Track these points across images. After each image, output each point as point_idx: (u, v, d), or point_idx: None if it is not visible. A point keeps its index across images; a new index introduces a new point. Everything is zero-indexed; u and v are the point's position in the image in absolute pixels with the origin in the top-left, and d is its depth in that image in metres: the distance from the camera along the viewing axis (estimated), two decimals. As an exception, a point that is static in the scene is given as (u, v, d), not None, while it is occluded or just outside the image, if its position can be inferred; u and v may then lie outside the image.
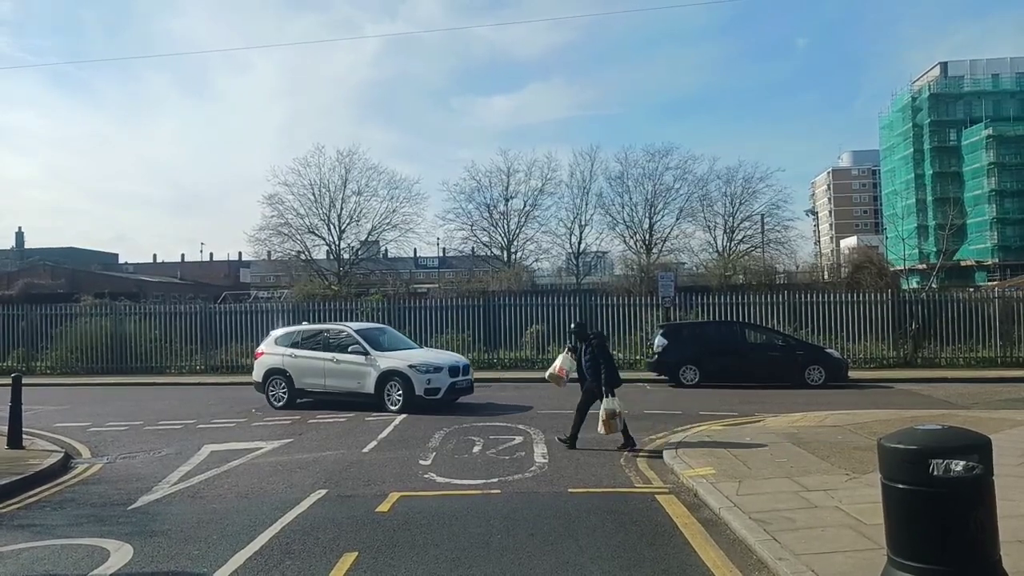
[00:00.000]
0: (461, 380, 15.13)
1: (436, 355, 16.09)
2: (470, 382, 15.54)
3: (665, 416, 13.79)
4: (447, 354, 16.80)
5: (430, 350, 17.65)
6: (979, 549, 3.94)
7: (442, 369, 14.74)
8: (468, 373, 15.48)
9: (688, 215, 48.27)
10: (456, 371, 15.04)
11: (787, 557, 5.64)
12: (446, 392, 14.68)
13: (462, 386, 15.21)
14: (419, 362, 14.77)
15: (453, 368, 15.00)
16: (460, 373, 15.13)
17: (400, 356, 15.17)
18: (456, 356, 16.51)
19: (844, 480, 8.05)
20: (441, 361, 15.15)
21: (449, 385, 14.73)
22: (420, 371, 14.55)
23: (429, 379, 14.52)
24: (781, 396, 16.59)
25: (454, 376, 14.90)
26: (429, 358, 15.27)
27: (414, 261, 68.44)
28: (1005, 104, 66.85)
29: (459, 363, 15.44)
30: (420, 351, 16.49)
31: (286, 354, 15.99)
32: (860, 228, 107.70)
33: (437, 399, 14.44)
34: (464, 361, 15.93)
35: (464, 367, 15.45)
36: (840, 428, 11.28)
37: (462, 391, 15.29)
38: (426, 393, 14.40)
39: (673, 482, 8.67)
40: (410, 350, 16.21)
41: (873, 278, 33.13)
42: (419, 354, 15.77)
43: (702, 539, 6.51)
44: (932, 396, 16.79)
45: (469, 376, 15.52)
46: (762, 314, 23.83)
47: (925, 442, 4.04)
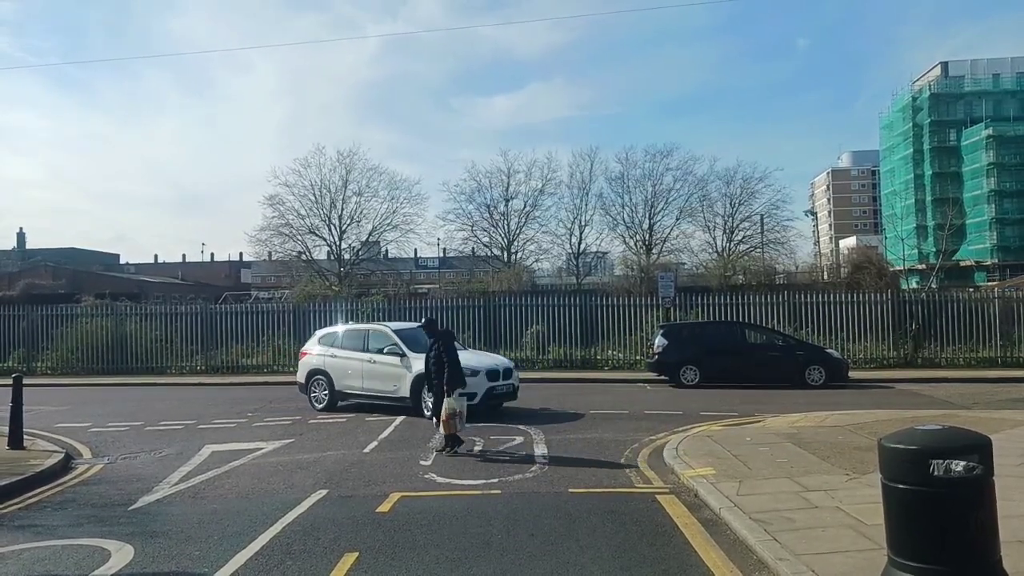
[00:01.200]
0: (502, 385, 14.11)
1: (478, 357, 14.91)
2: (513, 387, 14.49)
3: (665, 416, 13.79)
4: (490, 357, 15.72)
5: (475, 352, 16.21)
6: (979, 549, 3.94)
7: (479, 372, 13.58)
8: (511, 377, 14.42)
9: (688, 215, 48.34)
10: (496, 375, 14.04)
11: (787, 557, 5.65)
12: (484, 397, 13.55)
13: (503, 391, 14.20)
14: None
15: (492, 372, 14.00)
16: (500, 377, 14.12)
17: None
18: (499, 359, 15.38)
19: (844, 480, 8.06)
20: (479, 364, 14.01)
21: (487, 390, 13.67)
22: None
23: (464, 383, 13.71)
24: (781, 396, 16.59)
25: (493, 380, 13.90)
26: (467, 360, 13.49)
27: (415, 261, 68.43)
28: (1005, 104, 66.86)
29: (499, 366, 14.38)
30: (465, 353, 14.74)
31: (327, 354, 15.44)
32: (860, 228, 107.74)
33: (473, 404, 12.82)
34: (506, 364, 14.79)
35: (506, 370, 14.38)
36: (840, 428, 11.29)
37: (503, 396, 14.29)
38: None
39: (673, 482, 8.67)
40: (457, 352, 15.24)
41: (873, 278, 33.17)
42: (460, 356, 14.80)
43: (702, 539, 6.51)
44: (932, 396, 16.79)
45: (512, 380, 14.46)
46: (762, 314, 23.83)
47: (925, 442, 4.04)
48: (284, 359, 24.61)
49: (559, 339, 24.49)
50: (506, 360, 15.39)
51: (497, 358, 15.50)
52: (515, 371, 14.82)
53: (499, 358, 15.58)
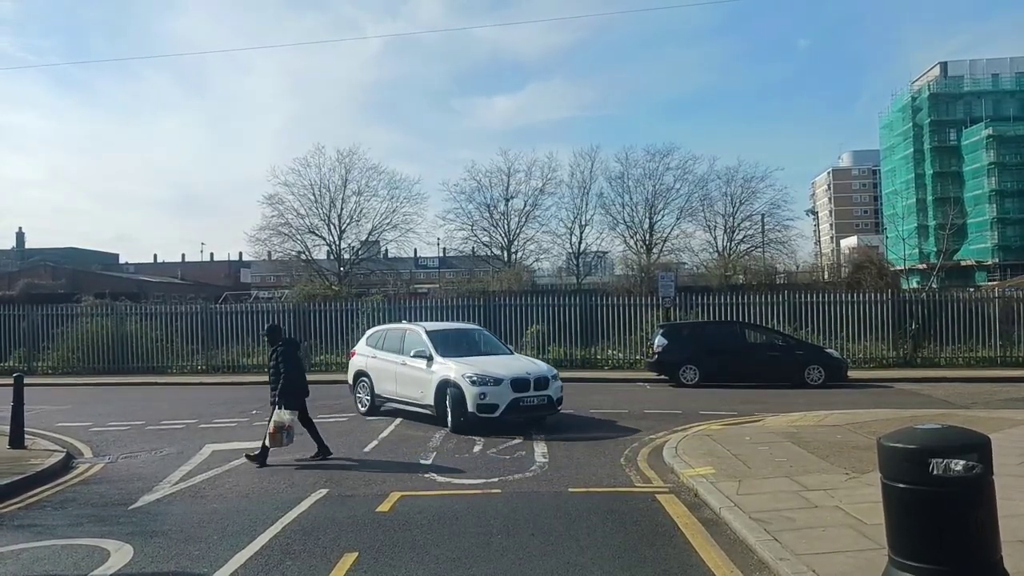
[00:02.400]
0: (531, 396, 12.36)
1: (508, 363, 13.18)
2: (549, 399, 12.58)
3: (665, 415, 13.79)
4: (525, 362, 13.77)
5: (513, 357, 14.20)
6: (980, 549, 3.94)
7: (502, 381, 12.14)
8: (547, 386, 12.57)
9: (688, 215, 48.30)
10: (524, 384, 12.34)
11: (788, 557, 5.65)
12: (507, 410, 12.09)
13: (535, 403, 12.41)
14: (476, 372, 12.28)
15: (519, 381, 12.32)
16: (532, 387, 12.39)
17: (468, 363, 12.70)
18: (535, 365, 13.48)
19: (844, 480, 8.06)
20: (504, 372, 12.42)
21: (511, 402, 12.11)
22: (474, 382, 12.09)
23: (483, 393, 12.03)
24: (781, 396, 16.60)
25: (520, 390, 12.26)
26: (491, 367, 12.59)
27: (414, 261, 68.45)
28: (1005, 104, 66.86)
29: (530, 374, 12.58)
30: (500, 358, 13.56)
31: (369, 355, 14.64)
32: (860, 228, 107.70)
33: (493, 417, 11.99)
34: (542, 371, 12.91)
35: (539, 379, 12.55)
36: (840, 428, 11.29)
37: (536, 409, 12.50)
38: (479, 410, 11.98)
39: (673, 482, 8.67)
40: (489, 356, 13.53)
41: (873, 278, 33.15)
42: (490, 361, 13.06)
43: (703, 539, 6.51)
44: (932, 396, 16.79)
45: (549, 391, 12.58)
46: (762, 314, 23.83)
47: (925, 441, 4.05)
48: (284, 359, 24.60)
49: (559, 339, 24.49)
50: (544, 366, 13.50)
51: (533, 364, 13.64)
52: (556, 380, 12.90)
53: (536, 364, 13.70)
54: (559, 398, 12.85)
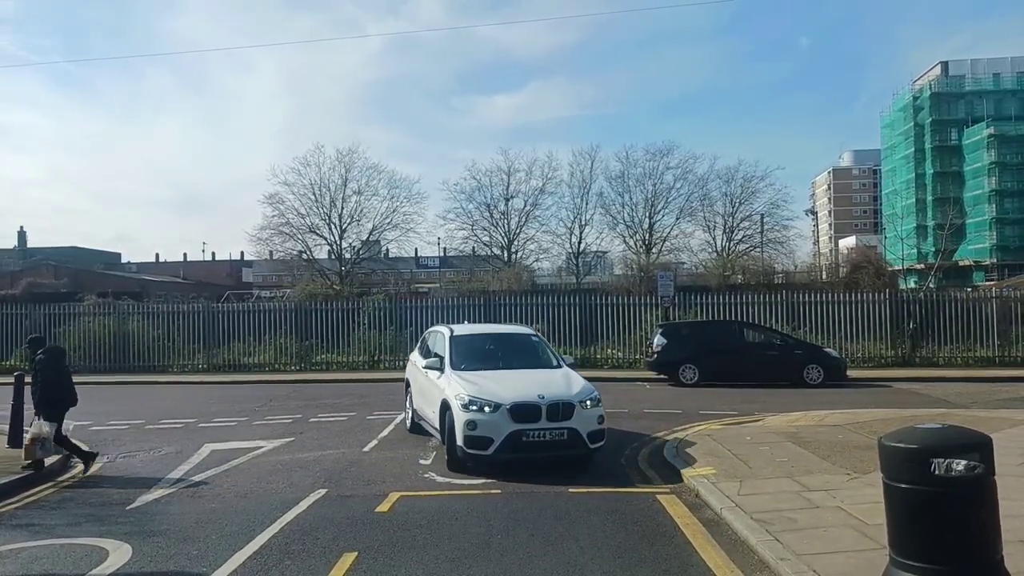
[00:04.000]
0: (540, 430, 8.98)
1: (523, 379, 9.95)
2: (573, 434, 9.07)
3: (665, 415, 13.78)
4: (556, 382, 9.90)
5: (560, 374, 10.43)
6: (981, 549, 3.94)
7: (500, 407, 9.01)
8: (568, 416, 9.11)
9: (688, 215, 48.23)
10: (530, 412, 9.02)
11: (789, 557, 5.64)
12: (504, 447, 8.89)
13: (544, 438, 8.98)
14: (471, 391, 9.37)
15: (523, 407, 9.03)
16: (541, 416, 9.01)
17: (479, 378, 9.83)
18: (559, 386, 9.72)
19: (845, 480, 8.05)
20: (508, 393, 9.25)
21: (510, 436, 8.87)
22: (464, 406, 9.15)
23: (472, 421, 9.01)
24: (780, 395, 16.58)
25: (525, 420, 8.97)
26: (497, 385, 9.55)
27: (415, 260, 68.39)
28: (1006, 103, 66.89)
29: (542, 399, 9.14)
30: (534, 373, 10.37)
31: (413, 361, 12.63)
32: (860, 228, 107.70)
33: (486, 456, 8.97)
34: (563, 394, 9.40)
35: (556, 405, 9.11)
36: (840, 427, 11.28)
37: (546, 447, 9.04)
38: (467, 444, 9.00)
39: (674, 482, 8.66)
40: (520, 371, 10.42)
41: (871, 278, 33.18)
42: (511, 377, 10.05)
43: (703, 539, 6.51)
44: (930, 395, 16.79)
45: (569, 422, 9.09)
46: (761, 313, 23.82)
47: (926, 441, 4.04)
48: (285, 358, 24.64)
49: (559, 338, 24.46)
50: (578, 387, 9.74)
51: (560, 384, 9.84)
52: (590, 406, 9.38)
53: (567, 384, 9.87)
54: (594, 432, 9.24)
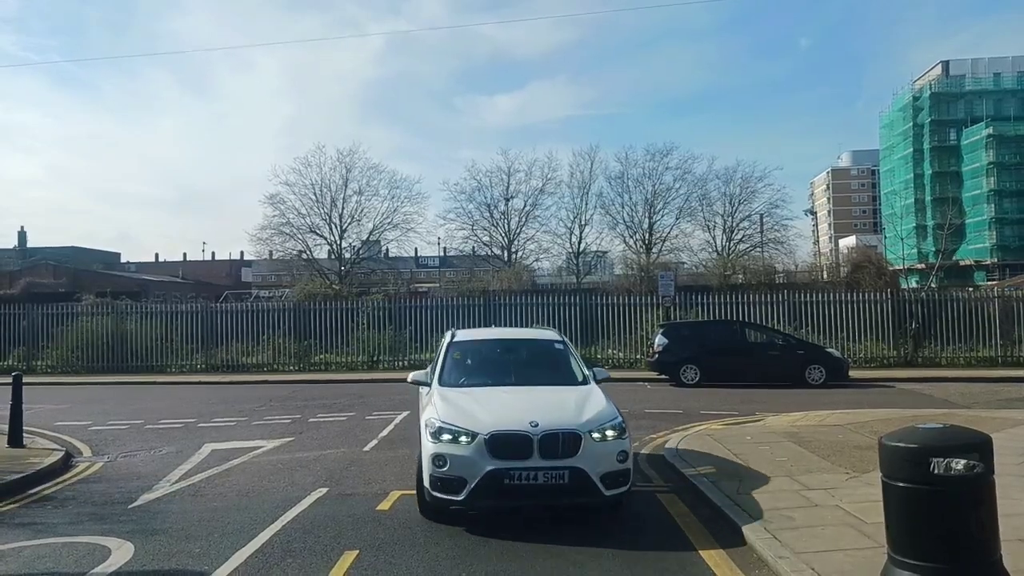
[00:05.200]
0: (530, 469, 6.65)
1: (520, 404, 7.44)
2: (576, 475, 6.67)
3: (666, 415, 13.78)
4: (561, 404, 7.51)
5: (569, 390, 8.08)
6: (980, 547, 3.95)
7: (475, 437, 6.76)
8: (572, 451, 6.72)
9: (688, 215, 48.22)
10: (517, 445, 6.70)
11: (788, 556, 5.65)
12: (478, 491, 6.64)
13: (534, 481, 6.64)
14: (443, 416, 7.15)
15: (508, 439, 6.73)
16: (532, 451, 6.68)
17: (463, 397, 7.77)
18: (565, 412, 7.22)
19: (845, 479, 8.06)
20: (487, 421, 6.91)
21: (487, 476, 6.62)
22: (433, 435, 6.99)
23: (441, 456, 6.81)
24: (782, 395, 16.59)
25: (508, 456, 6.67)
26: (476, 410, 7.24)
27: (415, 260, 68.44)
28: (1006, 103, 66.92)
29: (535, 427, 6.77)
30: (545, 392, 8.02)
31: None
32: (859, 228, 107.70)
33: (458, 502, 6.76)
34: (568, 423, 6.95)
35: (553, 436, 6.74)
36: (841, 427, 11.29)
37: (537, 493, 6.70)
38: (434, 486, 6.85)
39: (674, 481, 8.68)
40: (530, 388, 8.13)
41: (872, 278, 33.15)
42: (510, 397, 7.82)
43: (703, 538, 6.52)
44: (932, 395, 16.79)
45: (572, 460, 6.70)
46: (762, 313, 23.84)
47: (926, 441, 4.05)
48: (284, 358, 24.66)
49: (559, 338, 24.46)
50: (594, 412, 7.25)
51: (569, 407, 7.38)
52: (606, 437, 6.93)
53: (578, 407, 7.37)
54: (611, 474, 6.78)
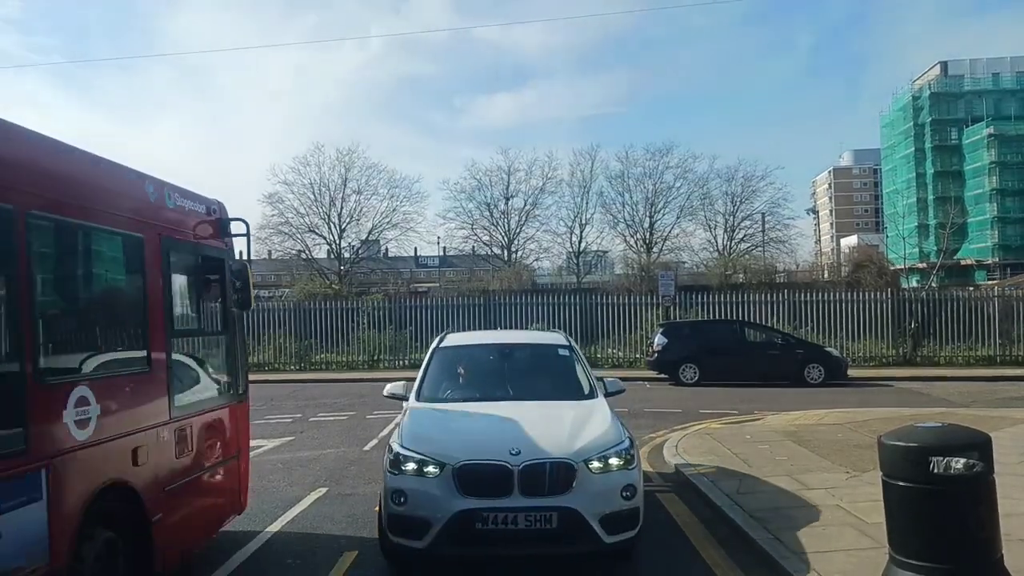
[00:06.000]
0: (509, 512, 5.36)
1: (503, 425, 6.11)
2: (572, 522, 5.38)
3: (665, 414, 13.79)
4: (554, 424, 6.13)
5: (570, 406, 6.70)
6: (980, 547, 3.94)
7: (443, 468, 5.52)
8: (564, 487, 5.44)
9: (688, 214, 48.28)
10: (496, 480, 5.42)
11: (788, 555, 5.65)
12: (444, 537, 5.39)
13: (513, 525, 5.36)
14: (407, 444, 5.86)
15: (481, 471, 5.47)
16: (512, 487, 5.39)
17: (445, 416, 6.65)
18: (556, 436, 5.85)
19: (845, 478, 8.05)
20: (458, 447, 5.70)
21: (455, 520, 5.37)
22: (393, 466, 5.74)
23: (400, 492, 5.58)
24: (781, 394, 16.59)
25: (483, 493, 5.41)
26: (446, 434, 6.17)
27: (415, 260, 68.41)
28: (1006, 103, 66.85)
29: (514, 459, 5.46)
30: (519, 410, 6.48)
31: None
32: (861, 227, 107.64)
33: (420, 549, 5.51)
34: (556, 452, 5.60)
35: (534, 469, 5.45)
36: (840, 426, 11.29)
37: (521, 542, 5.44)
38: (392, 527, 5.65)
39: (674, 480, 8.68)
40: (517, 404, 6.67)
41: (873, 277, 33.21)
42: (479, 417, 6.60)
43: (703, 537, 6.53)
44: (931, 395, 16.79)
45: (562, 500, 5.41)
46: (762, 313, 23.85)
47: (925, 440, 4.05)
48: (285, 357, 24.66)
49: (559, 338, 24.49)
50: (592, 430, 6.04)
51: (563, 429, 6.04)
52: (609, 462, 5.66)
53: (575, 429, 6.04)
54: (612, 516, 5.48)
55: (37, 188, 4.08)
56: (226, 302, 6.40)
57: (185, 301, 6.13)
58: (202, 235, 6.09)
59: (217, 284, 6.31)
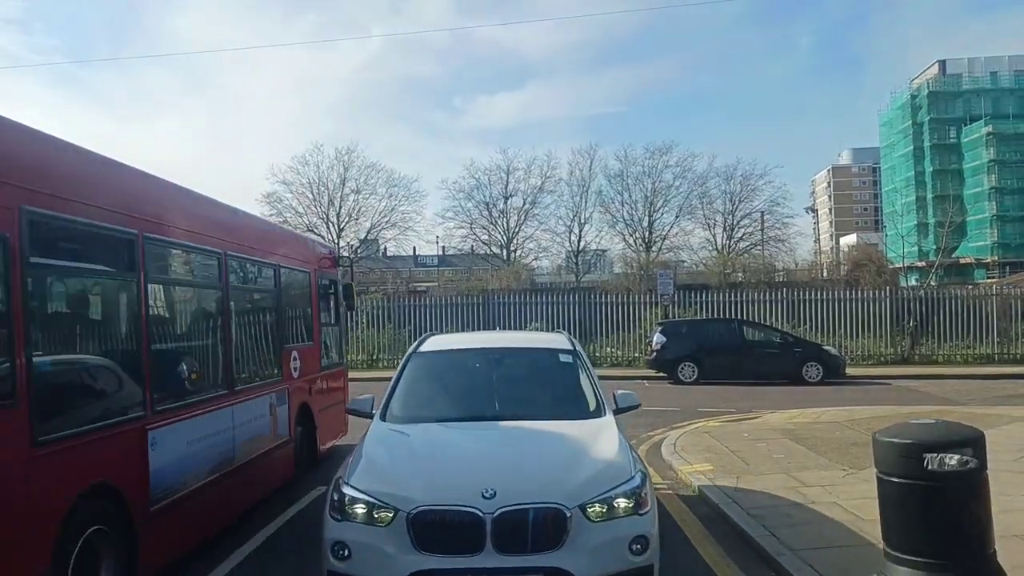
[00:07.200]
0: (481, 573, 4.13)
1: (479, 457, 4.97)
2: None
3: (664, 413, 13.82)
4: (546, 455, 4.94)
5: (569, 427, 5.35)
6: (973, 542, 3.99)
7: (397, 514, 4.25)
8: (550, 541, 4.17)
9: (688, 213, 48.35)
10: (463, 534, 4.16)
11: (786, 552, 5.69)
12: None
13: None
14: (354, 483, 4.61)
15: (441, 521, 4.22)
16: (485, 541, 4.13)
17: (409, 443, 5.36)
18: (547, 471, 4.62)
19: (841, 476, 8.10)
20: (419, 487, 4.39)
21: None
22: (336, 509, 4.55)
23: (341, 545, 4.39)
24: (779, 393, 16.65)
25: (445, 549, 4.18)
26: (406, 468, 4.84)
27: (413, 259, 68.36)
28: (1004, 101, 66.90)
29: (488, 502, 4.18)
30: (504, 434, 5.39)
31: None
32: (860, 226, 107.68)
33: None
34: (542, 493, 4.30)
35: (513, 516, 4.17)
36: (837, 424, 11.34)
37: None
38: None
39: (672, 478, 8.72)
40: (502, 426, 5.50)
41: (872, 276, 33.27)
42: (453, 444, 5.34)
43: (701, 535, 6.56)
44: (929, 393, 16.84)
45: (557, 559, 4.13)
46: (761, 311, 23.92)
47: (920, 436, 4.09)
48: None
49: (558, 337, 24.53)
50: (593, 461, 4.81)
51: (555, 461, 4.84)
52: (616, 504, 4.38)
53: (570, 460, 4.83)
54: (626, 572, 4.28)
55: (288, 260, 8.80)
56: (338, 306, 10.86)
57: (323, 305, 10.15)
58: (326, 267, 10.30)
59: (334, 295, 10.69)
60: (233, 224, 7.54)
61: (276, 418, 7.96)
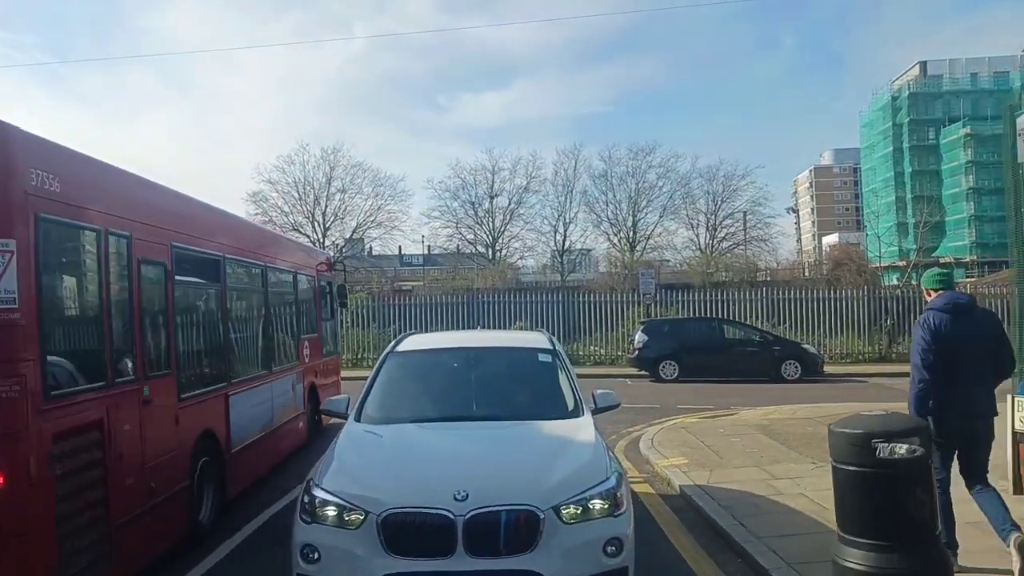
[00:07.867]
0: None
1: (453, 459, 4.97)
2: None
3: (644, 410, 14.07)
4: (519, 455, 5.02)
5: (546, 427, 5.39)
6: (919, 525, 4.24)
7: (367, 517, 4.25)
8: (522, 543, 4.17)
9: (671, 213, 48.84)
10: (433, 536, 4.16)
11: (752, 540, 5.95)
12: None
13: None
14: (325, 484, 4.57)
15: (411, 523, 4.21)
16: (456, 544, 4.13)
17: (382, 445, 5.33)
18: (520, 472, 4.66)
19: (811, 468, 8.39)
20: (389, 490, 4.39)
21: None
22: (305, 512, 4.48)
23: (311, 548, 4.31)
24: (757, 390, 16.96)
25: (416, 552, 4.17)
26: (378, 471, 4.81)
27: (399, 259, 68.34)
28: (983, 103, 67.68)
29: (460, 504, 4.19)
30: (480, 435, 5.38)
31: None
32: (842, 225, 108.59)
33: None
34: (515, 494, 4.31)
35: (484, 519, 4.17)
36: (810, 420, 11.64)
37: None
38: None
39: (648, 472, 8.97)
40: (477, 427, 5.49)
41: (852, 275, 33.75)
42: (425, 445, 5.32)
43: (674, 525, 6.82)
44: (902, 390, 16.90)
45: (529, 561, 4.14)
46: (742, 310, 24.26)
47: (871, 427, 4.34)
48: (269, 356, 24.79)
49: (542, 335, 24.74)
50: (568, 460, 4.83)
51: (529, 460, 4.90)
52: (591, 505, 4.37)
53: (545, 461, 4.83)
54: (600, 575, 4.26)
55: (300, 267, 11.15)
56: (334, 304, 13.40)
57: (323, 303, 12.42)
58: (323, 270, 12.55)
59: (330, 294, 13.03)
60: (268, 242, 10.53)
61: (296, 394, 10.34)
